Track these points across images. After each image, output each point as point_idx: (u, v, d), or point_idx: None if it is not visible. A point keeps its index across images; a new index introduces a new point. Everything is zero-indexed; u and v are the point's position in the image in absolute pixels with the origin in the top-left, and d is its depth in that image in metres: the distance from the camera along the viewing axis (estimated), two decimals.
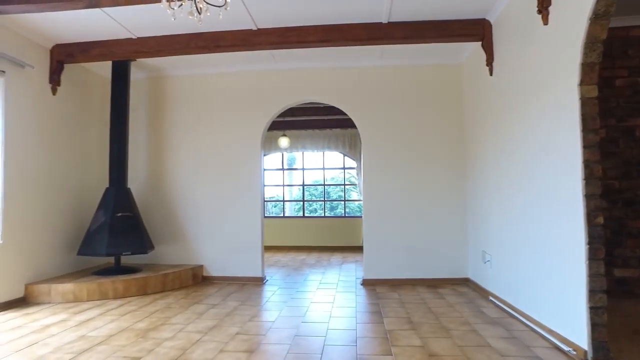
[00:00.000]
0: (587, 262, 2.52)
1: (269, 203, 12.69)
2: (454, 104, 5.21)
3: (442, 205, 5.12)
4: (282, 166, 9.50)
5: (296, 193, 11.62)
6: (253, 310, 3.95)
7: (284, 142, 7.56)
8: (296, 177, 11.28)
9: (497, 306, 3.95)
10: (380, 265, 5.11)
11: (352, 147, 8.87)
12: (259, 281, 5.28)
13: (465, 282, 5.01)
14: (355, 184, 10.75)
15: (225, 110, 5.49)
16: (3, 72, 3.99)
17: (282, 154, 9.41)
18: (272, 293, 4.73)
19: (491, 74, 4.17)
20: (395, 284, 5.01)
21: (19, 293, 4.17)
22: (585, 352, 2.53)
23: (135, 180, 5.52)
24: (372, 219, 5.16)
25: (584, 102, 2.57)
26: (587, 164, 2.55)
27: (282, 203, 10.22)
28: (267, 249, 8.61)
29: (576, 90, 2.60)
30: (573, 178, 2.65)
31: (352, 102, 5.34)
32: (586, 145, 2.55)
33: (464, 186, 5.11)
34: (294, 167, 12.89)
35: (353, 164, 9.13)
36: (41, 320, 3.62)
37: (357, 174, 8.93)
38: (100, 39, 4.50)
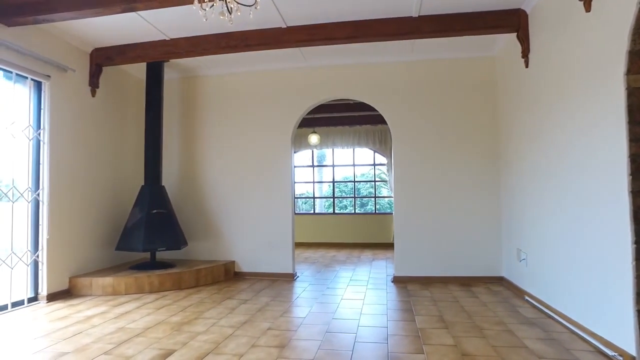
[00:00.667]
0: (633, 263, 2.39)
1: (299, 200, 12.80)
2: (487, 98, 5.05)
3: (475, 202, 4.98)
4: (312, 163, 9.53)
5: (326, 190, 11.63)
6: (284, 306, 3.99)
7: (314, 139, 7.58)
8: (326, 174, 11.32)
9: (533, 306, 3.81)
10: (412, 262, 5.04)
11: (382, 144, 8.78)
12: (290, 277, 5.33)
13: (499, 280, 4.86)
14: (385, 181, 10.65)
15: (255, 108, 5.56)
16: (48, 76, 4.20)
17: (312, 151, 9.44)
18: (302, 289, 4.76)
19: (527, 66, 4.00)
20: (426, 282, 4.93)
21: (64, 285, 4.40)
22: (634, 357, 2.40)
23: (169, 178, 5.69)
24: (403, 216, 5.09)
25: (631, 92, 2.43)
26: (634, 158, 2.40)
27: (312, 200, 10.26)
28: (298, 245, 8.69)
29: (622, 80, 2.46)
30: (618, 173, 2.51)
31: (383, 98, 5.28)
32: (632, 139, 2.41)
33: (497, 182, 4.96)
34: (324, 163, 12.93)
35: (383, 160, 9.04)
36: (84, 312, 3.80)
37: (388, 171, 8.83)
38: (136, 42, 4.66)
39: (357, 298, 4.30)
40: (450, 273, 4.96)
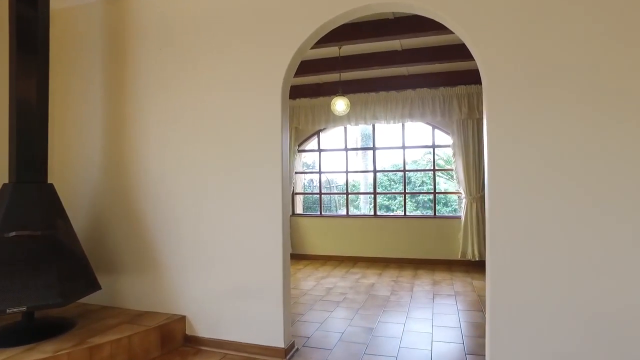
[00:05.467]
0: None
1: (325, 197, 10.29)
2: None
3: None
4: (345, 145, 6.91)
5: (370, 182, 9.04)
6: None
7: (340, 105, 4.94)
8: (370, 161, 8.73)
9: None
10: (522, 345, 2.33)
11: (444, 114, 5.97)
12: (280, 355, 2.84)
13: None
14: (449, 170, 7.86)
15: (217, 49, 3.04)
16: None
17: (345, 128, 6.82)
18: None
19: None
20: None
21: None
22: None
23: (81, 171, 3.38)
24: (504, 251, 2.36)
25: None
26: None
27: (343, 197, 7.66)
28: (320, 262, 6.19)
29: None
30: None
31: (472, 11, 2.51)
32: None
33: None
34: (359, 147, 10.22)
35: (446, 139, 6.24)
36: None
37: (453, 155, 6.03)
38: None
39: None
40: None
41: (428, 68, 5.68)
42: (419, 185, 11.17)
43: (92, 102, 3.39)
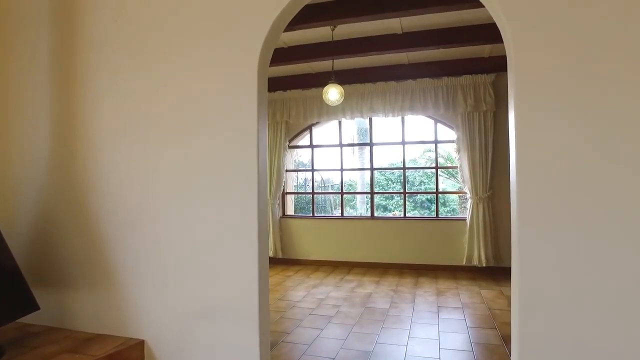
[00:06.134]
0: None
1: (320, 197, 9.79)
2: None
3: None
4: (340, 141, 6.39)
5: (368, 181, 8.56)
6: None
7: (333, 93, 4.42)
8: (363, 159, 8.27)
9: None
10: None
11: (448, 107, 5.47)
12: None
13: None
14: (453, 168, 7.38)
15: (178, 26, 2.51)
16: None
17: (339, 123, 6.30)
18: None
19: None
20: None
21: None
22: None
23: (25, 168, 2.85)
24: (536, 267, 1.85)
25: None
26: None
27: (338, 197, 7.16)
28: (313, 268, 5.66)
29: None
30: None
31: None
32: None
33: None
34: (355, 142, 9.71)
35: (450, 134, 5.74)
36: None
37: (458, 151, 5.53)
38: None
39: None
40: None
41: (430, 56, 5.17)
42: (417, 185, 10.69)
43: (37, 86, 2.86)
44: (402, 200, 6.28)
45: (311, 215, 6.52)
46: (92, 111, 2.71)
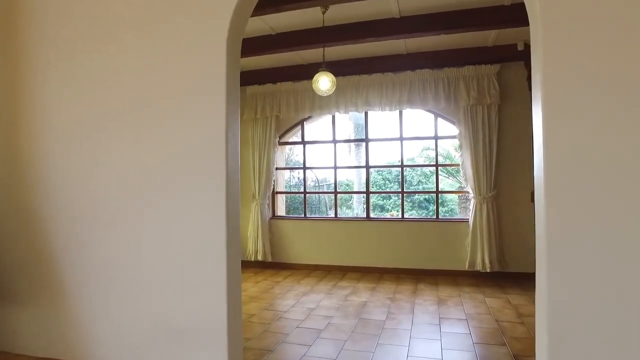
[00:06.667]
0: None
1: (314, 197, 9.40)
2: None
3: None
4: (333, 137, 5.99)
5: (361, 182, 8.17)
6: None
7: (324, 82, 4.02)
8: (359, 157, 7.88)
9: None
10: None
11: (449, 100, 5.08)
12: None
13: None
14: (453, 166, 6.99)
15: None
16: None
17: (333, 117, 5.90)
18: None
19: None
20: None
21: None
22: None
23: None
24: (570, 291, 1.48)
25: None
26: None
27: (332, 197, 6.76)
28: (304, 273, 5.25)
29: None
30: None
31: None
32: None
33: None
34: (350, 138, 9.31)
35: (451, 129, 5.36)
36: None
37: (460, 147, 5.15)
38: None
39: None
40: None
41: (431, 44, 4.79)
42: (415, 184, 10.32)
43: None
44: (400, 200, 5.88)
45: (303, 216, 6.13)
46: (41, 108, 2.31)
